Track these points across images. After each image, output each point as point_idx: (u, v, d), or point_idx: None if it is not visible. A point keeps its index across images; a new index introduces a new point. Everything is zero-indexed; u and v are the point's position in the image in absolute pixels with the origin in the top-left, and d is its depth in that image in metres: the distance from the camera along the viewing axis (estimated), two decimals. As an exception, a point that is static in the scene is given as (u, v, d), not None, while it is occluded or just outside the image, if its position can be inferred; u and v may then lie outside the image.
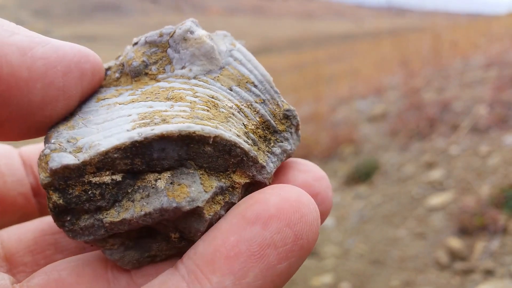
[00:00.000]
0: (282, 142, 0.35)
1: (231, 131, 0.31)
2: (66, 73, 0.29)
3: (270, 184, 0.33)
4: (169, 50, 0.35)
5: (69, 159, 0.27)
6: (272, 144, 0.35)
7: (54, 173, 0.27)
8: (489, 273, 1.57)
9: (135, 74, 0.34)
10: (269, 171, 0.33)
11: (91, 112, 0.32)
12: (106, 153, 0.27)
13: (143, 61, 0.35)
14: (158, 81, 0.34)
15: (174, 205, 0.28)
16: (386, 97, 3.96)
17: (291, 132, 0.36)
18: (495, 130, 2.52)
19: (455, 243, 1.77)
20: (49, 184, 0.27)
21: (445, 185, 2.23)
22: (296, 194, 0.28)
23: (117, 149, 0.27)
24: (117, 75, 0.35)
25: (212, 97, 0.33)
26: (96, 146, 0.27)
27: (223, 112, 0.32)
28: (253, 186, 0.33)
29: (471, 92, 3.11)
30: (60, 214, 0.28)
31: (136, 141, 0.27)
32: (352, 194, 2.59)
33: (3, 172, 0.38)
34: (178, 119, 0.29)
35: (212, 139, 0.29)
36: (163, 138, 0.28)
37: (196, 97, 0.32)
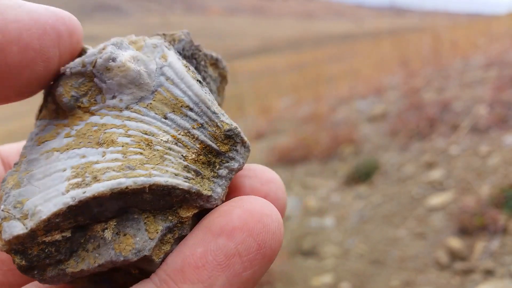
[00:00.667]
0: (228, 162, 0.34)
1: (168, 173, 0.31)
2: (41, 35, 0.29)
3: (223, 201, 0.34)
4: (96, 80, 0.33)
5: (19, 229, 0.28)
6: (217, 167, 0.34)
7: (9, 242, 0.28)
8: (489, 273, 1.57)
9: (68, 109, 0.33)
10: (216, 197, 0.33)
11: (34, 162, 0.31)
12: (48, 220, 0.28)
13: (73, 96, 0.33)
14: (92, 113, 0.33)
15: (121, 258, 0.29)
16: (386, 97, 3.96)
17: (236, 150, 0.35)
18: (495, 130, 2.52)
19: (455, 243, 1.77)
20: (8, 249, 0.29)
21: (445, 185, 2.23)
22: (259, 205, 0.30)
23: (56, 215, 0.28)
24: (53, 106, 0.34)
25: (146, 133, 0.32)
26: (38, 213, 0.28)
27: (158, 150, 0.32)
28: (205, 210, 0.33)
29: (471, 92, 3.11)
30: (27, 271, 0.30)
31: (72, 205, 0.28)
32: (352, 194, 2.59)
33: None
34: (109, 173, 0.29)
35: (147, 188, 0.30)
36: (97, 198, 0.29)
37: (129, 136, 0.32)
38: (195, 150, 0.33)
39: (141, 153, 0.31)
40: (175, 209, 0.32)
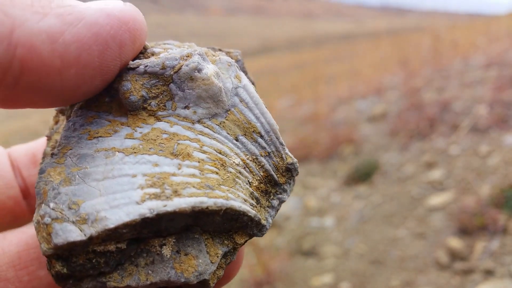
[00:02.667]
0: (281, 194, 0.35)
1: (240, 198, 0.31)
2: (102, 51, 0.27)
3: None
4: (172, 86, 0.31)
5: (75, 235, 0.25)
6: (271, 197, 0.34)
7: (59, 248, 0.25)
8: (489, 273, 1.57)
9: (132, 108, 0.31)
10: (267, 227, 0.33)
11: (87, 159, 0.29)
12: (115, 229, 0.26)
13: (142, 96, 0.31)
14: (158, 118, 0.31)
15: (182, 280, 0.28)
16: (386, 97, 3.96)
17: (289, 183, 0.35)
18: (495, 130, 2.52)
19: (455, 243, 1.77)
20: (52, 255, 0.26)
21: (445, 185, 2.23)
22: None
23: (126, 225, 0.26)
24: (107, 99, 0.32)
25: (220, 152, 0.31)
26: (102, 220, 0.26)
27: (231, 172, 0.31)
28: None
29: (471, 92, 3.11)
30: (61, 280, 0.27)
31: (147, 218, 0.26)
32: (352, 194, 2.59)
33: None
34: (189, 189, 0.28)
35: (222, 211, 0.29)
36: (174, 214, 0.27)
37: (204, 152, 0.30)
38: (258, 178, 0.33)
39: (217, 173, 0.30)
40: (231, 234, 0.31)
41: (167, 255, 0.28)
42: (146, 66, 0.31)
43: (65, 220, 0.26)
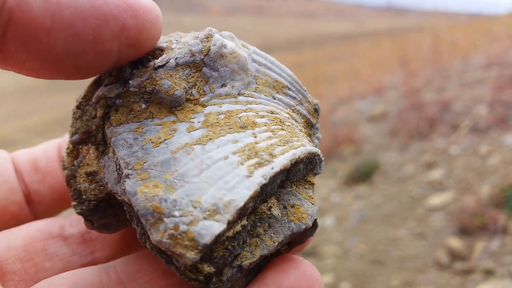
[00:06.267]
0: (317, 133, 0.38)
1: (308, 143, 0.33)
2: (99, 26, 0.26)
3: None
4: (205, 69, 0.32)
5: (217, 227, 0.25)
6: (313, 138, 0.37)
7: (207, 247, 0.25)
8: (489, 273, 1.57)
9: (177, 104, 0.30)
10: (323, 163, 0.36)
11: (169, 162, 0.28)
12: (244, 206, 0.26)
13: (185, 88, 0.31)
14: (203, 105, 0.31)
15: (303, 227, 0.30)
16: (386, 97, 3.96)
17: (318, 122, 0.38)
18: (495, 130, 2.52)
19: (455, 243, 1.77)
20: (197, 260, 0.25)
21: (445, 185, 2.23)
22: (311, 271, 0.31)
23: (251, 198, 0.27)
24: (143, 106, 0.30)
25: (272, 113, 0.33)
26: (231, 203, 0.26)
27: (289, 126, 0.33)
28: None
29: (471, 92, 3.11)
30: (208, 281, 0.27)
31: (264, 184, 0.28)
32: (352, 194, 2.59)
33: None
34: (278, 148, 0.30)
35: (306, 157, 0.31)
36: (280, 173, 0.29)
37: (263, 117, 0.32)
38: (302, 125, 0.36)
39: (282, 129, 0.32)
40: (305, 178, 0.34)
41: (278, 215, 0.30)
42: (176, 58, 0.31)
43: (199, 220, 0.25)
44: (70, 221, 0.38)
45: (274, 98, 0.34)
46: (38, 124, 6.04)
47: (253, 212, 0.29)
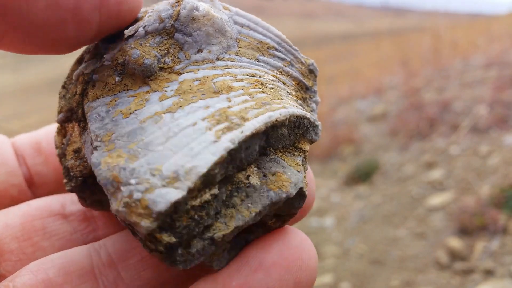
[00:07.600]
0: (314, 97, 0.35)
1: (293, 106, 0.30)
2: None
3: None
4: (177, 35, 0.30)
5: (175, 194, 0.24)
6: (308, 102, 0.35)
7: (162, 215, 0.24)
8: (489, 273, 1.57)
9: (148, 74, 0.29)
10: (320, 128, 0.33)
11: (137, 132, 0.27)
12: (207, 173, 0.25)
13: (155, 56, 0.29)
14: (178, 73, 0.30)
15: (284, 195, 0.27)
16: (386, 97, 3.96)
17: (316, 84, 0.36)
18: (495, 130, 2.52)
19: (455, 243, 1.77)
20: (155, 229, 0.24)
21: (445, 185, 2.23)
22: (298, 240, 0.29)
23: (216, 164, 0.25)
24: (117, 78, 0.30)
25: (253, 76, 0.31)
26: (192, 169, 0.24)
27: (272, 88, 0.30)
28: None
29: (471, 92, 3.11)
30: (171, 252, 0.25)
31: (232, 149, 0.26)
32: (352, 194, 2.59)
33: None
34: (252, 111, 0.27)
35: (287, 120, 0.29)
36: (252, 137, 0.27)
37: (241, 80, 0.30)
38: (293, 87, 0.33)
39: (263, 92, 0.30)
40: (296, 145, 0.31)
41: (257, 183, 0.27)
42: (145, 26, 0.30)
43: (156, 187, 0.24)
44: (72, 198, 0.37)
45: (258, 61, 0.32)
46: (38, 124, 6.03)
47: (230, 181, 0.27)
